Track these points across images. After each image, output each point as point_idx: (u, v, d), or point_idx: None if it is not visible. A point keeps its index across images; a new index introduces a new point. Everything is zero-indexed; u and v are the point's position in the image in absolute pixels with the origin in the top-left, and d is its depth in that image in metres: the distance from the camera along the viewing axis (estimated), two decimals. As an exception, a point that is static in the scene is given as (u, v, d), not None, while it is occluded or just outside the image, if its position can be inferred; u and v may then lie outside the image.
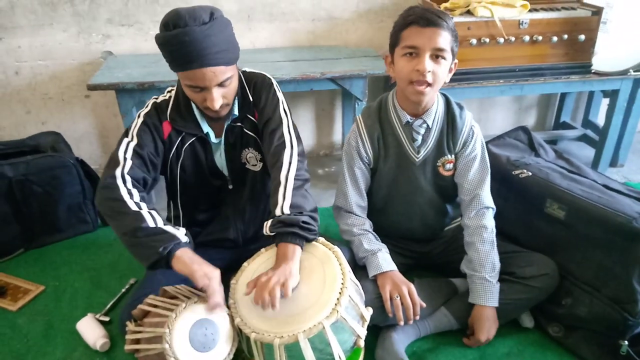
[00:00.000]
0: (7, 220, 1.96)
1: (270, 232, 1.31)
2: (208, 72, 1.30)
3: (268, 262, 1.34)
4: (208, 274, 1.25)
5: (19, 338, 1.61)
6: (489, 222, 1.57)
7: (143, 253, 1.28)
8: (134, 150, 1.43)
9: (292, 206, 1.31)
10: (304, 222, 1.29)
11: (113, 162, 1.41)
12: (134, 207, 1.32)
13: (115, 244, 2.07)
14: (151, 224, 1.30)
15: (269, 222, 1.32)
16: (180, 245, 1.28)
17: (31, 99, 2.51)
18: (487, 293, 1.50)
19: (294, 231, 1.28)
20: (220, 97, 1.37)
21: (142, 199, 1.37)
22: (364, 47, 2.61)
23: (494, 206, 1.60)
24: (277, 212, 1.31)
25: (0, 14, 2.30)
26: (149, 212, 1.33)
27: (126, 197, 1.34)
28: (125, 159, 1.41)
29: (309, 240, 1.33)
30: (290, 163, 1.40)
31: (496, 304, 1.50)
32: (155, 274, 1.55)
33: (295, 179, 1.37)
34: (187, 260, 1.26)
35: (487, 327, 1.49)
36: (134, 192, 1.37)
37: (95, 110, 2.61)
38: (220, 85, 1.35)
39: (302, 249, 1.31)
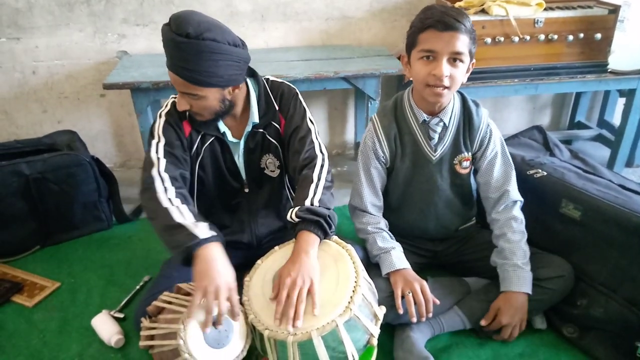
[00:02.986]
0: (23, 218, 1.99)
1: (297, 217, 1.32)
2: (172, 75, 1.36)
3: (281, 260, 1.34)
4: (208, 288, 1.19)
5: (35, 334, 1.63)
6: (519, 213, 1.58)
7: (172, 251, 1.28)
8: (165, 149, 1.45)
9: (320, 201, 1.35)
10: (330, 216, 1.33)
11: (148, 163, 1.43)
12: (165, 204, 1.33)
13: (130, 241, 2.09)
14: (178, 220, 1.29)
15: (296, 208, 1.33)
16: (199, 244, 1.24)
17: (47, 98, 2.55)
18: (520, 279, 1.48)
19: (319, 221, 1.31)
20: (186, 104, 1.40)
21: (179, 195, 1.37)
22: (377, 46, 2.61)
23: (521, 199, 1.60)
24: (307, 203, 1.34)
25: (19, 14, 2.33)
26: (178, 207, 1.33)
27: (161, 195, 1.35)
28: (158, 158, 1.43)
29: (327, 236, 1.34)
30: (322, 166, 1.44)
31: (529, 291, 1.48)
32: (169, 271, 1.57)
33: (325, 180, 1.41)
34: (198, 268, 1.23)
35: (514, 311, 1.47)
36: (170, 189, 1.38)
37: (110, 109, 2.63)
38: (188, 95, 1.37)
39: (320, 242, 1.32)
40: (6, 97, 2.50)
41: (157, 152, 1.44)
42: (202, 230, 1.27)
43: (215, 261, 1.23)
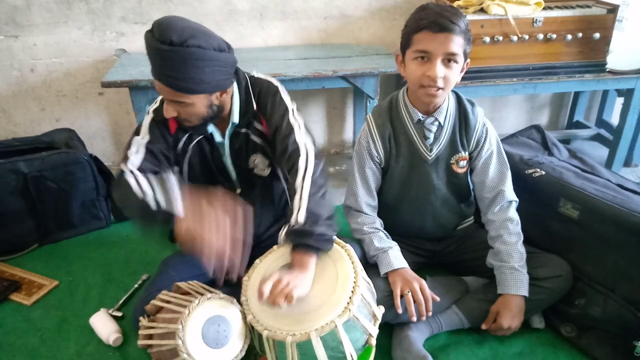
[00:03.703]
0: (22, 216, 1.98)
1: (286, 241, 1.31)
2: (157, 83, 1.33)
3: (280, 260, 1.34)
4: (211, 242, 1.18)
5: (33, 332, 1.62)
6: (514, 215, 1.57)
7: (152, 234, 1.30)
8: (146, 147, 1.44)
9: (308, 213, 1.27)
10: (319, 234, 1.26)
11: (124, 159, 1.43)
12: (139, 193, 1.31)
13: (128, 240, 2.09)
14: (153, 206, 1.28)
15: (284, 231, 1.30)
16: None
17: (46, 96, 2.54)
18: (517, 282, 1.48)
19: (307, 243, 1.26)
20: (173, 111, 1.38)
21: (149, 183, 1.35)
22: (376, 45, 2.60)
23: (516, 199, 1.60)
24: (292, 221, 1.28)
25: (17, 12, 2.32)
26: (151, 194, 1.30)
27: (133, 184, 1.33)
28: (136, 154, 1.42)
29: (324, 251, 1.30)
30: (305, 169, 1.36)
31: (526, 294, 1.48)
32: (168, 270, 1.57)
33: (311, 184, 1.32)
34: (183, 224, 1.22)
35: (513, 315, 1.47)
36: (141, 178, 1.35)
37: (108, 108, 2.63)
38: (174, 102, 1.35)
39: (317, 257, 1.29)
40: (4, 95, 2.50)
41: (137, 148, 1.43)
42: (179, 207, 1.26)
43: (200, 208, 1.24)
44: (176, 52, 1.24)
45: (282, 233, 1.31)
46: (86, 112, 2.62)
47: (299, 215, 1.27)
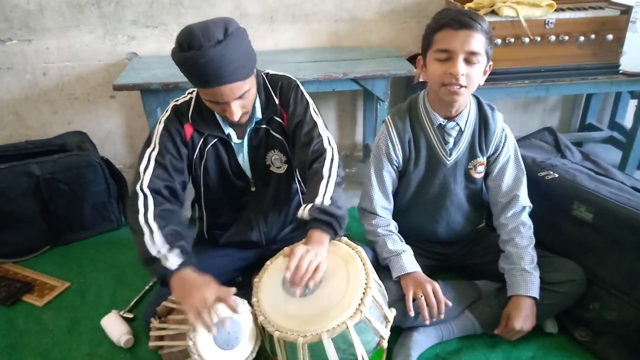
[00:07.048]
0: (34, 218, 2.00)
1: (308, 215, 1.30)
2: (226, 89, 1.30)
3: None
4: (197, 305, 1.15)
5: (45, 333, 1.63)
6: (527, 219, 1.56)
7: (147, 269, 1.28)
8: (156, 160, 1.43)
9: (332, 199, 1.32)
10: (341, 216, 1.31)
11: (135, 177, 1.42)
12: (143, 228, 1.30)
13: (138, 242, 2.10)
14: (152, 251, 1.26)
15: (308, 206, 1.31)
16: (171, 274, 1.23)
17: (58, 99, 2.56)
18: (527, 284, 1.47)
19: (330, 222, 1.29)
20: (240, 109, 1.37)
21: (158, 214, 1.34)
22: (386, 48, 2.60)
23: (530, 204, 1.58)
24: (318, 200, 1.31)
25: (30, 16, 2.34)
26: (153, 234, 1.28)
27: (141, 217, 1.32)
28: (145, 171, 1.41)
29: (337, 236, 1.33)
30: (332, 160, 1.41)
31: (537, 295, 1.46)
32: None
33: (336, 175, 1.38)
34: (177, 292, 1.22)
35: (524, 316, 1.45)
36: (150, 209, 1.34)
37: (120, 111, 2.64)
38: (239, 98, 1.35)
39: (329, 239, 1.31)
40: (17, 98, 2.52)
41: (147, 163, 1.42)
42: (173, 260, 1.24)
43: (189, 281, 1.21)
44: (227, 45, 1.24)
45: (305, 208, 1.31)
46: (98, 115, 2.63)
47: (326, 198, 1.32)
